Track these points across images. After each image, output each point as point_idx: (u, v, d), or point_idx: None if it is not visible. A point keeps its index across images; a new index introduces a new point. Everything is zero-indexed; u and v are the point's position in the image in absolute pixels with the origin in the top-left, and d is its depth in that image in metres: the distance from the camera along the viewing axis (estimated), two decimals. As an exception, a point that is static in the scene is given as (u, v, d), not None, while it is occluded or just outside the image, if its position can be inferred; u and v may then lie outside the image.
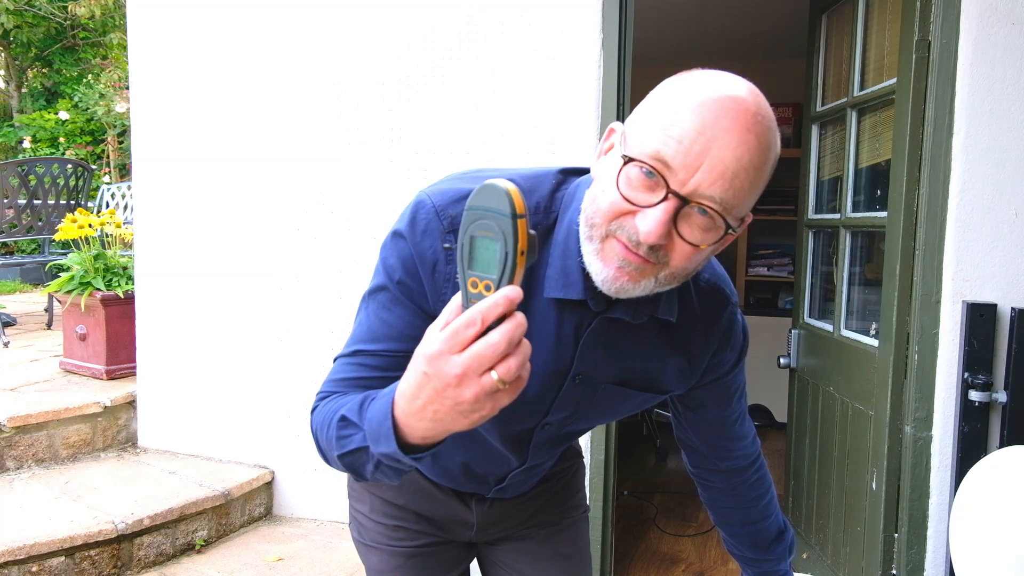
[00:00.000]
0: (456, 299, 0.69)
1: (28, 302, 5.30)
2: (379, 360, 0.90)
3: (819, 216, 2.65)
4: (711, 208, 0.76)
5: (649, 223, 0.76)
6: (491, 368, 0.65)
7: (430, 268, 0.89)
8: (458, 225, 0.72)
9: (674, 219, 0.77)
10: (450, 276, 0.88)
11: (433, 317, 0.75)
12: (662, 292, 0.87)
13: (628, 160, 0.78)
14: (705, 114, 0.76)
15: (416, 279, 0.89)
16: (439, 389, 0.67)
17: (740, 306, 1.06)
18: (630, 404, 1.03)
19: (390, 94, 2.38)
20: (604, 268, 0.81)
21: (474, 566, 1.32)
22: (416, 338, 0.73)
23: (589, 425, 1.08)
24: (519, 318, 0.66)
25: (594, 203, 0.82)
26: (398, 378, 0.76)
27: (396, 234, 0.91)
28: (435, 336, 0.68)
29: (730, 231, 0.80)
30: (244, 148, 2.57)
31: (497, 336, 0.65)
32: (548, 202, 0.91)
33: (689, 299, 0.97)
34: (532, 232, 0.67)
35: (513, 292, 0.65)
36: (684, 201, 0.76)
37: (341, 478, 2.51)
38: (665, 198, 0.76)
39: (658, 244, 0.78)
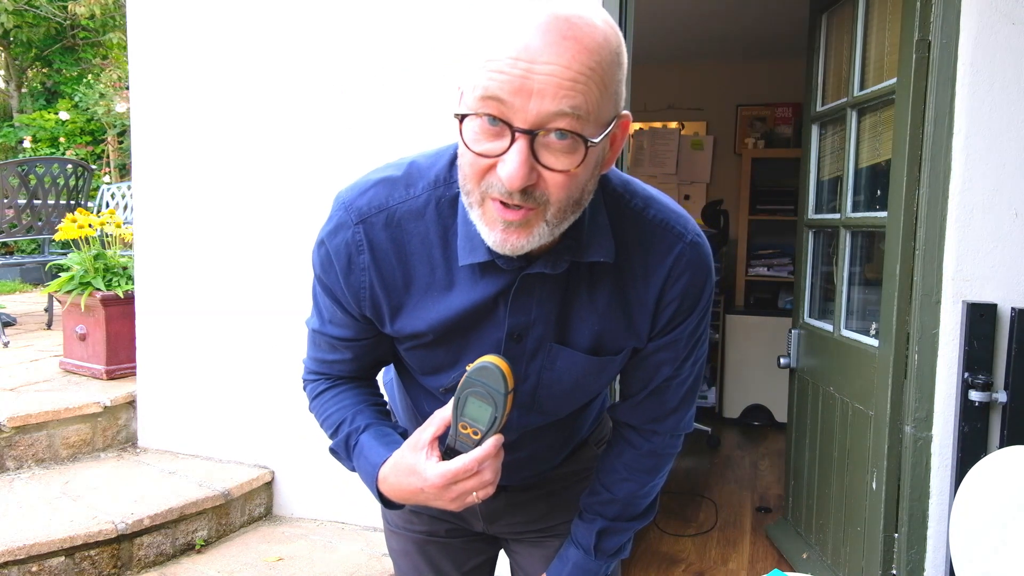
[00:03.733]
0: (439, 414, 0.89)
1: (28, 302, 5.30)
2: (339, 343, 1.02)
3: (819, 216, 2.65)
4: (565, 129, 0.73)
5: (509, 169, 0.74)
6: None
7: (345, 264, 0.93)
8: (367, 215, 0.91)
9: (533, 154, 0.74)
10: (366, 266, 0.92)
11: (352, 315, 0.96)
12: (582, 236, 0.86)
13: (462, 116, 0.76)
14: (517, 38, 0.72)
15: (335, 283, 0.95)
16: (430, 499, 0.89)
17: (711, 252, 0.96)
18: (592, 368, 0.96)
19: (389, 92, 2.38)
20: (491, 233, 0.80)
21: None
22: (350, 328, 0.98)
23: (566, 399, 1.02)
24: (500, 455, 0.87)
25: (461, 170, 0.82)
26: (358, 358, 1.03)
27: (319, 240, 0.98)
28: (435, 471, 0.86)
29: (590, 144, 0.74)
30: (244, 148, 2.57)
31: (489, 475, 0.86)
32: (447, 174, 0.91)
33: (628, 239, 0.91)
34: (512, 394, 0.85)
35: (500, 440, 0.86)
36: (533, 133, 0.73)
37: (341, 478, 2.51)
38: (514, 138, 0.73)
39: (527, 186, 0.75)
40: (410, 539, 1.25)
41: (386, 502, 0.97)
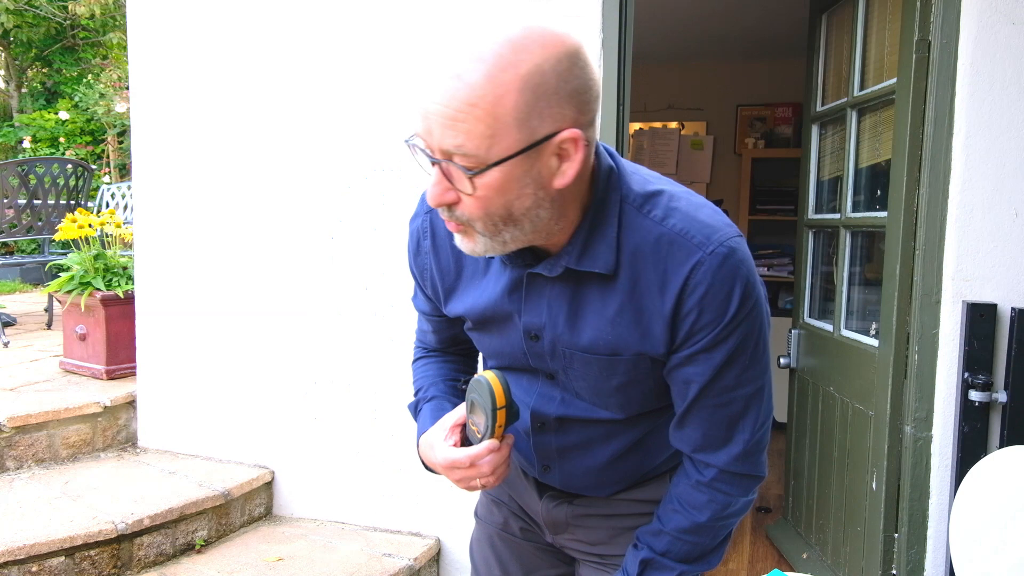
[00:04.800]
0: (456, 412, 1.05)
1: (28, 302, 5.30)
2: (422, 316, 1.25)
3: (819, 216, 2.65)
4: (453, 158, 0.80)
5: (428, 190, 0.86)
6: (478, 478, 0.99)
7: (415, 246, 1.11)
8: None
9: (447, 178, 0.83)
10: (428, 250, 1.09)
11: (424, 291, 1.16)
12: (581, 245, 0.92)
13: (411, 146, 0.85)
14: (428, 75, 0.81)
15: (411, 262, 1.14)
16: (442, 474, 1.05)
17: (747, 262, 0.93)
18: (604, 367, 0.99)
19: (390, 92, 2.38)
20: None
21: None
22: (426, 303, 1.20)
23: (600, 395, 1.03)
24: (502, 454, 0.98)
25: None
26: (438, 331, 1.24)
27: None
28: (443, 454, 1.01)
29: (475, 174, 0.80)
30: (244, 147, 2.57)
31: (486, 468, 0.98)
32: None
33: (645, 249, 0.92)
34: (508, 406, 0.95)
35: (493, 445, 0.97)
36: (440, 161, 0.82)
37: (341, 478, 2.51)
38: (433, 163, 0.83)
39: (446, 204, 0.85)
40: (487, 529, 1.31)
41: (425, 466, 1.13)
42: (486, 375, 0.95)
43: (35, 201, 4.01)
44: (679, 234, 0.92)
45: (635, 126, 5.18)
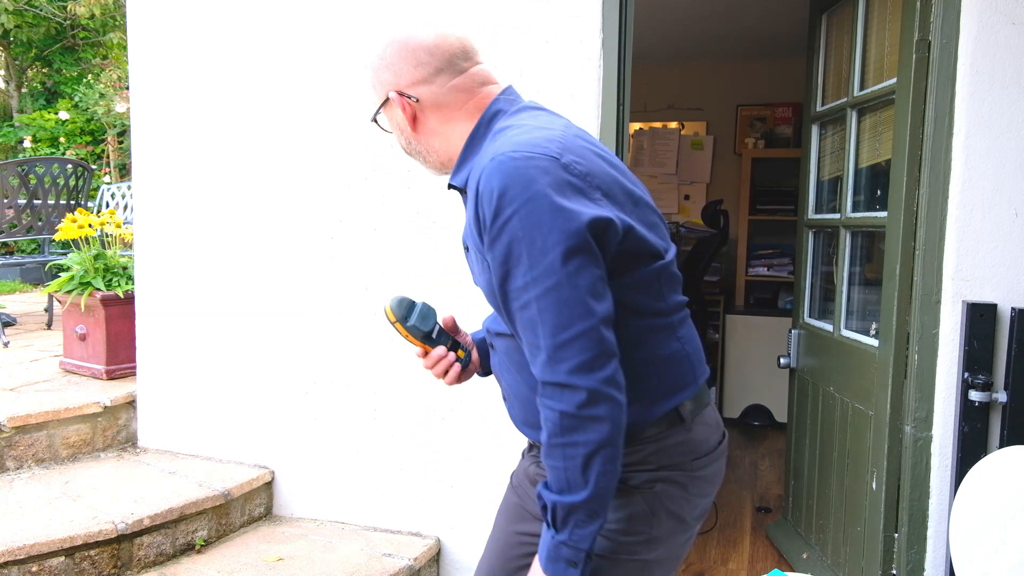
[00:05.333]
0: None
1: (28, 302, 5.30)
2: None
3: (819, 216, 2.65)
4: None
5: None
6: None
7: None
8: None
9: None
10: None
11: None
12: (456, 165, 1.20)
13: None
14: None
15: None
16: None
17: (519, 169, 1.02)
18: (475, 268, 1.18)
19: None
20: None
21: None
22: None
23: (495, 308, 1.16)
24: (429, 360, 1.35)
25: None
26: None
27: None
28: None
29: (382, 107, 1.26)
30: (244, 147, 2.57)
31: (428, 365, 1.36)
32: None
33: (476, 166, 1.11)
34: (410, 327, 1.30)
35: (419, 351, 1.37)
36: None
37: (341, 478, 2.51)
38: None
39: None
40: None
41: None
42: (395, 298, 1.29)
43: (35, 201, 4.01)
44: (490, 151, 1.08)
45: (635, 126, 5.18)
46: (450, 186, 1.22)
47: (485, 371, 1.44)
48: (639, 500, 1.13)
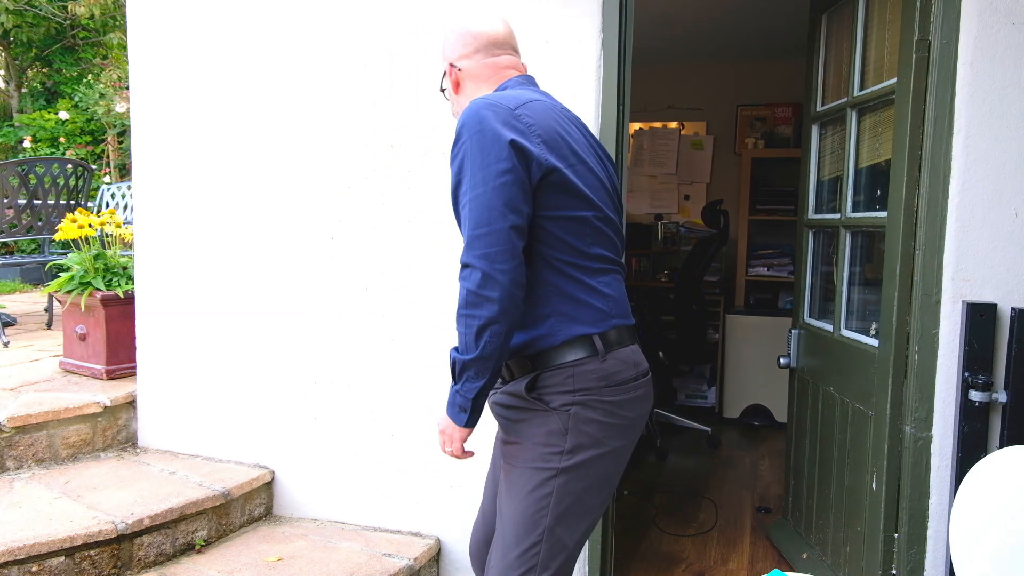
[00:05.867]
0: None
1: (28, 302, 5.30)
2: None
3: (819, 216, 2.65)
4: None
5: None
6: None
7: None
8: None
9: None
10: None
11: None
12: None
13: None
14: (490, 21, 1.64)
15: None
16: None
17: (479, 115, 1.37)
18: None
19: (390, 92, 2.38)
20: None
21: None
22: None
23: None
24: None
25: None
26: None
27: None
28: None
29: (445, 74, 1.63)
30: (244, 147, 2.57)
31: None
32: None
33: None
34: None
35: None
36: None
37: (341, 478, 2.51)
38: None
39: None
40: None
41: None
42: None
43: (35, 201, 4.01)
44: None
45: (635, 126, 5.18)
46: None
47: None
48: (555, 419, 1.41)
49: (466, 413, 1.38)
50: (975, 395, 1.85)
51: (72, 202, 4.20)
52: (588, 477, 1.43)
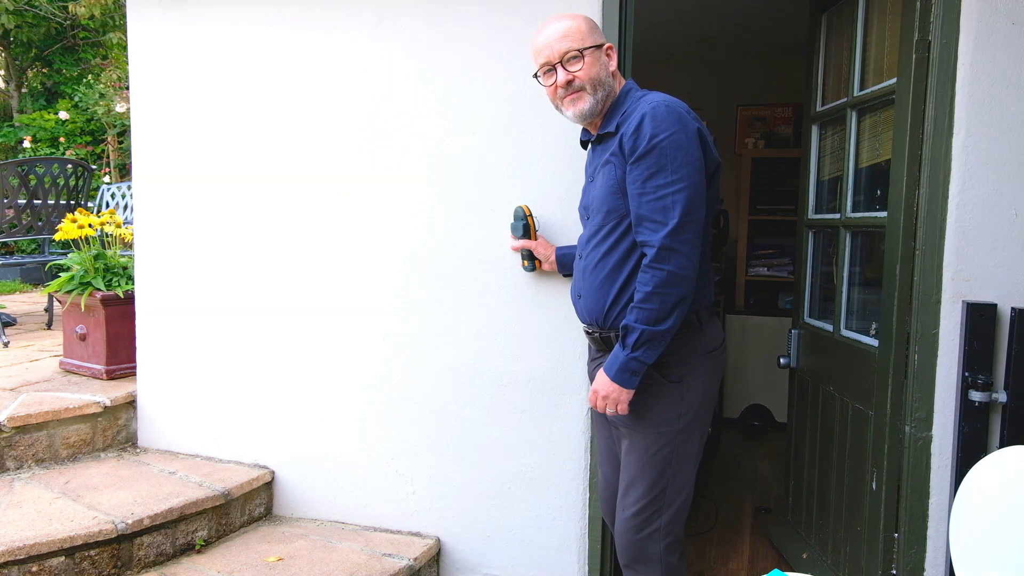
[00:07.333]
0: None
1: (28, 302, 5.30)
2: None
3: (819, 216, 2.65)
4: (568, 55, 1.71)
5: (558, 80, 1.73)
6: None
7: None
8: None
9: (564, 68, 1.71)
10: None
11: None
12: (607, 119, 1.75)
13: (536, 76, 1.81)
14: (536, 34, 1.77)
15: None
16: None
17: (669, 111, 1.61)
18: (596, 191, 1.75)
19: (390, 92, 2.38)
20: (565, 112, 1.78)
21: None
22: None
23: (595, 211, 1.76)
24: (537, 245, 2.17)
25: (550, 98, 1.82)
26: None
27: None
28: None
29: (584, 54, 1.70)
30: (244, 147, 2.57)
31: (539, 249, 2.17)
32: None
33: (625, 118, 1.69)
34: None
35: (527, 243, 2.17)
36: (555, 66, 1.73)
37: (341, 478, 2.51)
38: (553, 69, 1.74)
39: (568, 82, 1.71)
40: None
41: None
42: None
43: (35, 201, 4.01)
44: (642, 106, 1.65)
45: (635, 126, 5.17)
46: (597, 137, 1.78)
47: (565, 272, 2.13)
48: (673, 389, 1.69)
49: (637, 377, 1.61)
50: (975, 395, 1.85)
51: (72, 202, 4.20)
52: (695, 435, 1.74)
